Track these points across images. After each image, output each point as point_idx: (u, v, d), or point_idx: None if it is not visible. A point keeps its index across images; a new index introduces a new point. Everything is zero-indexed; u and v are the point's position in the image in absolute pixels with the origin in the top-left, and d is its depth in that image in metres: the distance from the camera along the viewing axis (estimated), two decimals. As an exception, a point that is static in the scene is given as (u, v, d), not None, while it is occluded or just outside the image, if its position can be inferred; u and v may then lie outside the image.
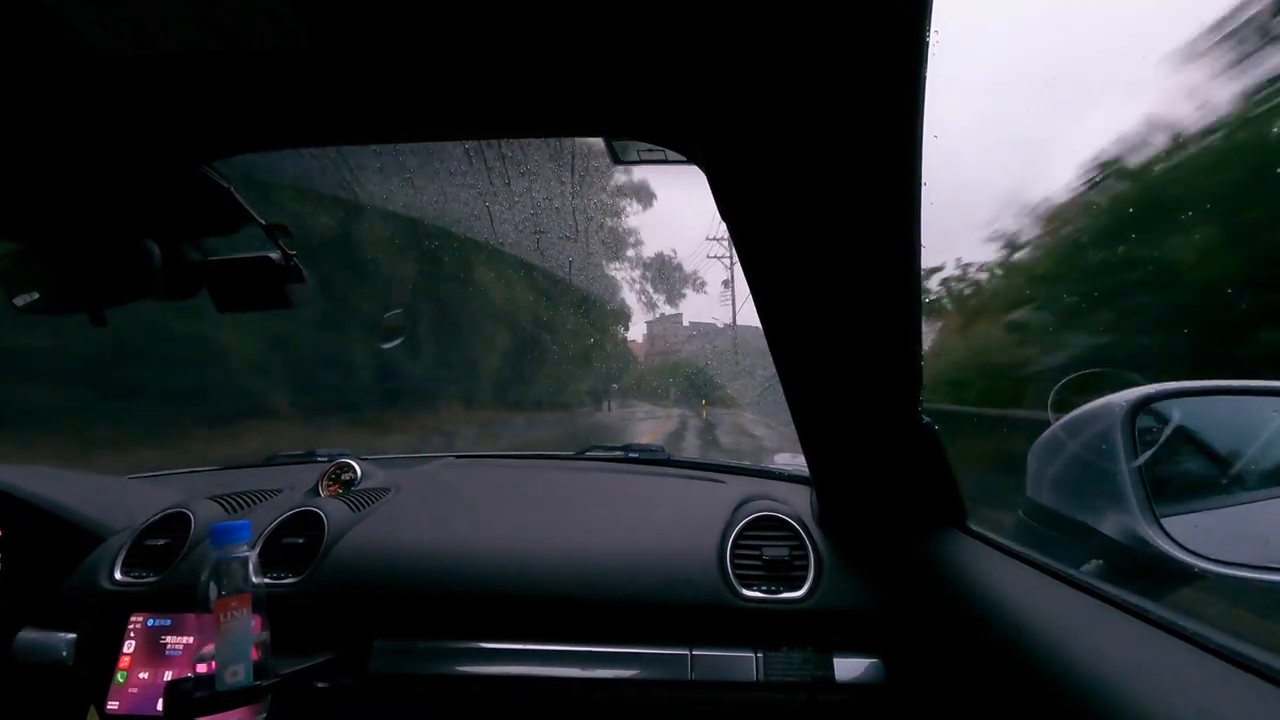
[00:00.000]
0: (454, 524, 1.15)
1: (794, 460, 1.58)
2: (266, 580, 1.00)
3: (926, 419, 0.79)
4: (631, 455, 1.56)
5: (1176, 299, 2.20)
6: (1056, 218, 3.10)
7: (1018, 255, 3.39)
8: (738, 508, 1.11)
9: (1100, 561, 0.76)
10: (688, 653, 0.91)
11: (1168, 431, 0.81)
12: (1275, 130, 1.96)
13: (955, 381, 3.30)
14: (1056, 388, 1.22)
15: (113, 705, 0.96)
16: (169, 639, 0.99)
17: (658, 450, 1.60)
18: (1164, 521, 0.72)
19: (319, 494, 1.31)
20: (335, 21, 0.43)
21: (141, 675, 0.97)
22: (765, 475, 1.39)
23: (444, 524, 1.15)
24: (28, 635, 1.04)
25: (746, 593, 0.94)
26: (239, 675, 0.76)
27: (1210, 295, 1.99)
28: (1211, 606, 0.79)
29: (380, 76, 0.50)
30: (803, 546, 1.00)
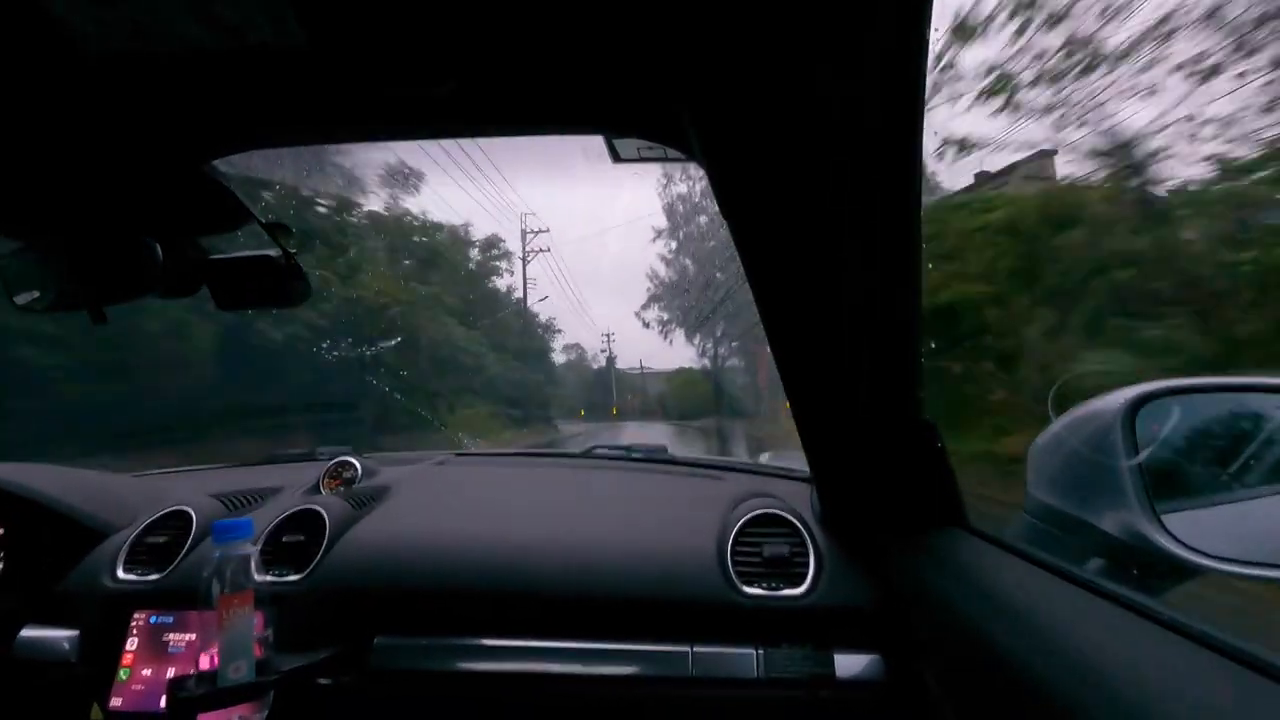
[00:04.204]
0: (455, 522, 1.15)
1: (779, 458, 1.59)
2: (268, 578, 1.01)
3: (926, 417, 0.79)
4: (634, 455, 1.56)
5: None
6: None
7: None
8: (738, 505, 1.11)
9: (1100, 558, 0.76)
10: (688, 649, 0.91)
11: (1167, 428, 0.81)
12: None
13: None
14: (1056, 386, 1.22)
15: (115, 702, 0.96)
16: (171, 636, 0.99)
17: (659, 450, 1.60)
18: (1164, 518, 0.72)
19: (320, 492, 1.31)
20: (335, 20, 0.43)
21: (144, 672, 0.97)
22: (765, 473, 1.39)
23: (445, 522, 1.15)
24: (30, 633, 1.04)
25: (747, 590, 0.94)
26: (241, 672, 0.76)
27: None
28: (1212, 603, 0.79)
29: (380, 75, 0.50)
30: (803, 544, 1.00)
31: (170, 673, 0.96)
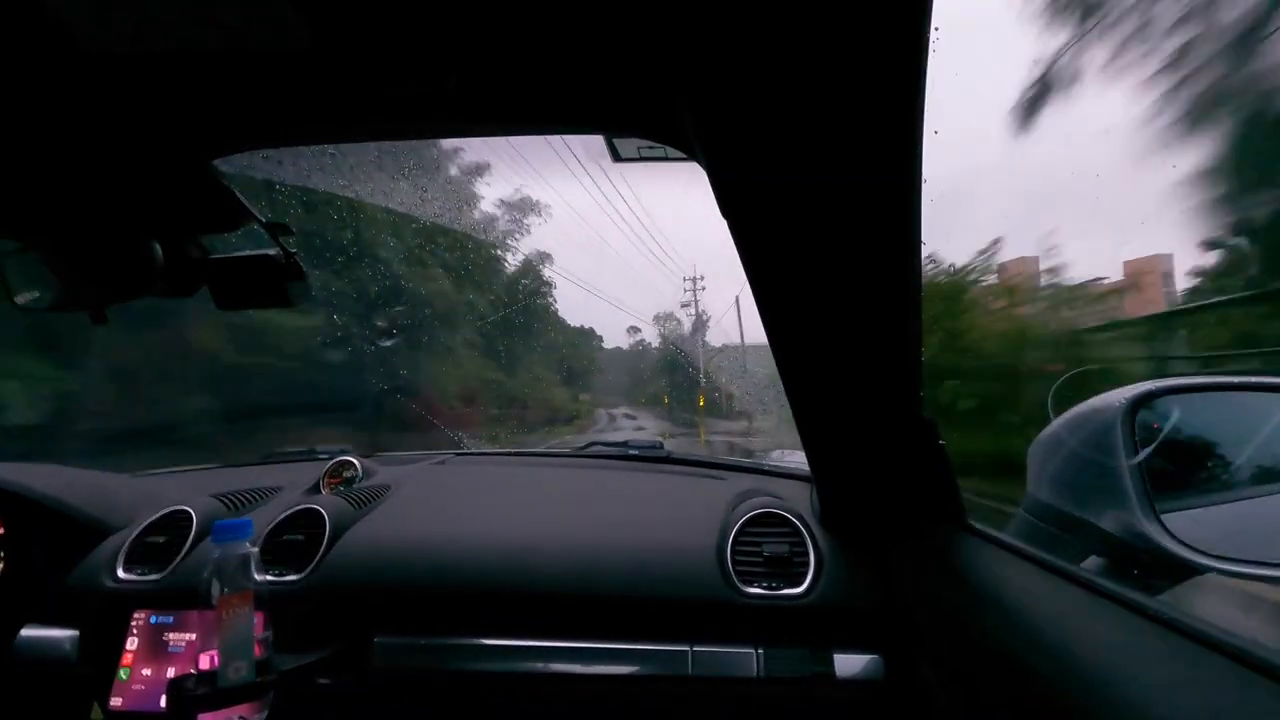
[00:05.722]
0: (455, 521, 1.15)
1: (791, 456, 1.58)
2: (268, 577, 1.01)
3: (927, 416, 0.79)
4: (631, 453, 1.56)
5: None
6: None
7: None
8: (738, 504, 1.11)
9: (1100, 557, 0.76)
10: (688, 649, 0.91)
11: (1167, 428, 0.81)
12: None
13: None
14: (1056, 385, 1.22)
15: (116, 702, 0.96)
16: (171, 636, 0.99)
17: (658, 447, 1.60)
18: (1164, 517, 0.72)
19: (320, 491, 1.31)
20: (336, 20, 0.43)
21: (144, 672, 0.97)
22: (765, 473, 1.39)
23: (444, 521, 1.16)
24: (30, 632, 1.04)
25: (747, 589, 0.94)
26: (241, 672, 0.76)
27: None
28: (1212, 602, 0.79)
29: (381, 74, 0.50)
30: (803, 543, 1.00)
31: (170, 672, 0.96)
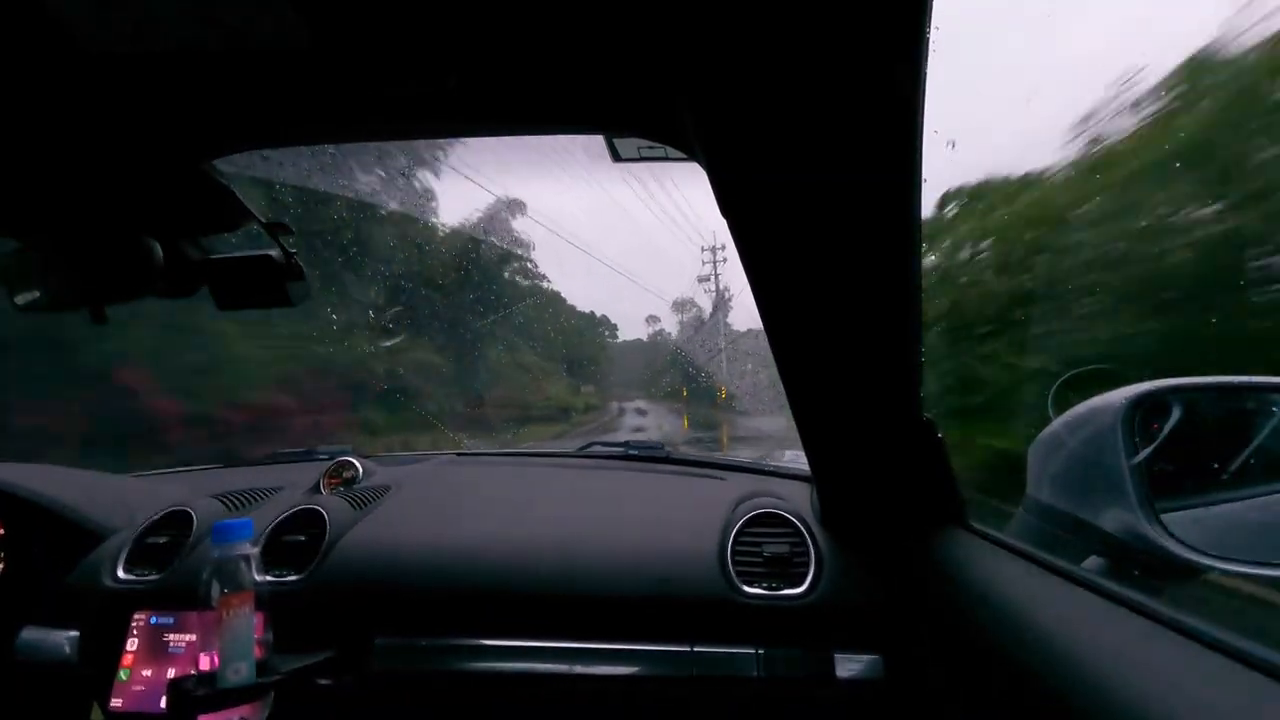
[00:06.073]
0: (455, 522, 1.15)
1: (799, 457, 1.58)
2: (268, 578, 1.01)
3: (927, 416, 0.79)
4: (632, 453, 1.56)
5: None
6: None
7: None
8: (738, 505, 1.11)
9: (1101, 558, 0.76)
10: (689, 649, 0.91)
11: (1167, 428, 0.81)
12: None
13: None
14: (1056, 385, 1.22)
15: (116, 703, 0.96)
16: (171, 637, 0.99)
17: (658, 447, 1.60)
18: (1163, 517, 0.72)
19: (320, 491, 1.31)
20: (336, 20, 0.43)
21: (144, 672, 0.97)
22: (766, 473, 1.39)
23: (445, 522, 1.16)
24: (30, 633, 1.04)
25: (747, 589, 0.94)
26: (241, 673, 0.76)
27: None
28: (1211, 601, 0.79)
29: (381, 74, 0.50)
30: (803, 543, 1.00)
31: (170, 673, 0.96)
